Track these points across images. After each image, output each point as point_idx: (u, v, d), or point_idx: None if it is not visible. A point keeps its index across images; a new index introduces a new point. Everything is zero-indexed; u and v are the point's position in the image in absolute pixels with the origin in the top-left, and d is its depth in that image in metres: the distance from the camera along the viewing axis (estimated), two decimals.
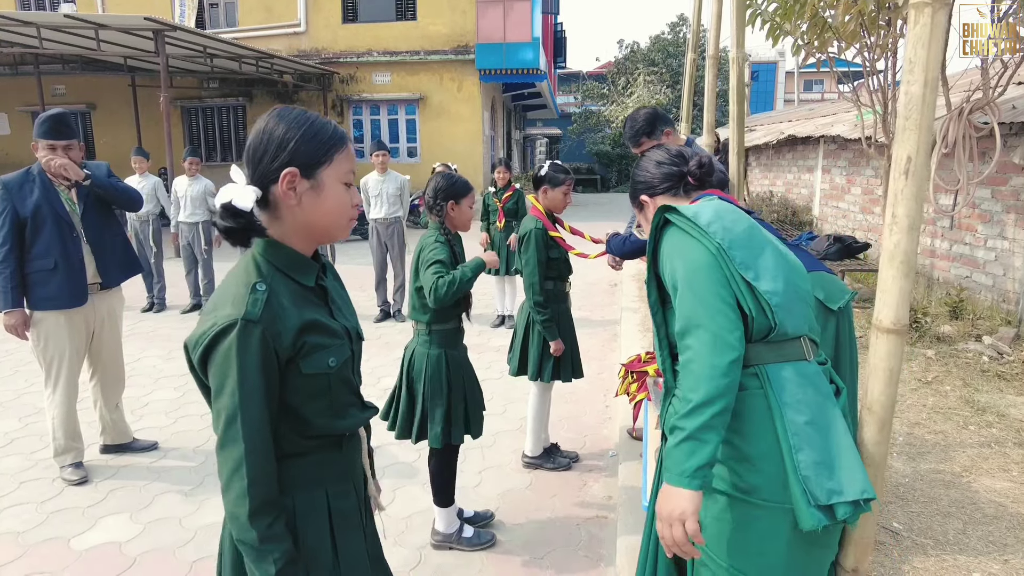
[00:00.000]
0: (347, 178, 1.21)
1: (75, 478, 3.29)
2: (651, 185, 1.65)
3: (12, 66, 15.69)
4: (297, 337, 1.14)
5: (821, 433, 1.23)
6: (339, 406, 1.24)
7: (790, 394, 1.25)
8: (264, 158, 1.16)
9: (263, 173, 1.16)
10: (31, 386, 4.70)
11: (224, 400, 1.09)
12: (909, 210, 1.19)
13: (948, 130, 3.89)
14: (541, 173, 3.22)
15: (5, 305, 3.14)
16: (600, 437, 3.83)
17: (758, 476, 1.24)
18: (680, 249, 1.34)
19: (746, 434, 1.27)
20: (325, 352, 1.18)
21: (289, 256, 1.19)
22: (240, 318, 1.08)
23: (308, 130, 1.17)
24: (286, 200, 1.16)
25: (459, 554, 2.68)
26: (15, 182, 3.15)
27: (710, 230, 1.31)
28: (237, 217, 1.13)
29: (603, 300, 7.36)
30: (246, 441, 1.08)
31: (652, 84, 23.80)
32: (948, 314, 5.48)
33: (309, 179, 1.17)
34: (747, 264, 1.29)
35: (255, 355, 1.08)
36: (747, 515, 1.26)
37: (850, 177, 8.67)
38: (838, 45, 4.51)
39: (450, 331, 2.62)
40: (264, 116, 1.19)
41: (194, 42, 11.39)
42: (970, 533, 2.61)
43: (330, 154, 1.18)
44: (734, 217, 1.37)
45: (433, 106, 15.87)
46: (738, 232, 1.33)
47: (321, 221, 1.20)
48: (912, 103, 1.19)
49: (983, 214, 5.75)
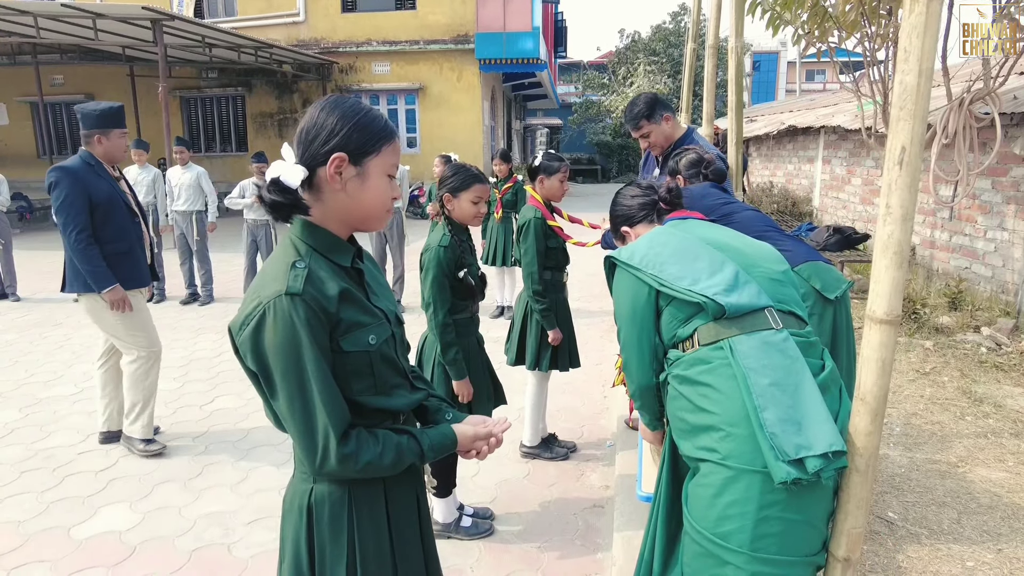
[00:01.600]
0: (391, 171, 1.25)
1: (154, 449, 3.49)
2: (630, 216, 1.88)
3: (10, 56, 15.64)
4: (338, 306, 1.17)
5: (787, 393, 1.34)
6: (385, 386, 1.25)
7: (755, 360, 1.38)
8: (315, 141, 1.19)
9: (312, 155, 1.19)
10: (31, 376, 4.72)
11: (283, 372, 1.12)
12: (903, 200, 1.19)
13: (949, 120, 3.87)
14: (536, 163, 3.22)
15: (108, 282, 3.32)
16: (597, 427, 3.84)
17: (731, 441, 1.35)
18: (619, 289, 1.65)
19: (717, 402, 1.40)
20: (364, 330, 1.20)
21: (326, 238, 1.22)
22: (284, 292, 1.11)
23: (362, 119, 1.20)
24: (332, 183, 1.19)
25: (457, 543, 2.70)
26: (80, 169, 3.29)
27: (642, 264, 1.58)
28: (284, 193, 1.16)
29: (601, 291, 7.36)
30: (320, 392, 1.13)
31: (653, 74, 23.69)
32: (947, 305, 5.48)
33: (356, 166, 1.20)
34: (681, 274, 1.53)
35: (304, 324, 1.11)
36: (723, 480, 1.36)
37: (850, 168, 8.64)
38: (839, 35, 4.48)
39: (463, 320, 2.62)
40: (318, 102, 1.24)
41: (193, 32, 11.33)
42: (964, 523, 2.62)
43: (379, 145, 1.21)
44: (664, 240, 1.62)
45: (433, 96, 15.82)
46: (668, 253, 1.58)
47: (361, 208, 1.23)
48: (907, 93, 1.18)
49: (983, 205, 5.73)
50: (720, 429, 1.38)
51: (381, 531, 1.25)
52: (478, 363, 2.70)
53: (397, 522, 1.28)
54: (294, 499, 1.26)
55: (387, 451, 1.19)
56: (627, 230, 1.87)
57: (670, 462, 1.65)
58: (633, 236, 1.82)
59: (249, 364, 1.16)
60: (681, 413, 1.50)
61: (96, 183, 3.31)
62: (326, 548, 1.22)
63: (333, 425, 1.13)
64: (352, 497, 1.22)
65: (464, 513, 2.80)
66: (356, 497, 1.23)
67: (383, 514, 1.26)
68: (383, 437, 1.20)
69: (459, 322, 2.61)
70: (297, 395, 1.13)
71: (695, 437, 1.45)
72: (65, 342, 5.57)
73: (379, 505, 1.25)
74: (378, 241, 6.47)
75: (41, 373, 4.79)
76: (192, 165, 6.81)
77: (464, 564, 2.57)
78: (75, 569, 2.54)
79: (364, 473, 1.18)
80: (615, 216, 1.92)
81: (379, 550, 1.25)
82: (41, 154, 16.79)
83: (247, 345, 1.13)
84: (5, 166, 10.94)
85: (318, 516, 1.22)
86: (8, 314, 6.54)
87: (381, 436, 1.20)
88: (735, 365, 1.39)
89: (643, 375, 1.61)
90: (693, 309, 1.52)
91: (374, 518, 1.24)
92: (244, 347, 1.14)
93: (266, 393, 1.18)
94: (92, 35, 10.75)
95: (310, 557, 1.23)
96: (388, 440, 1.21)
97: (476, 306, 2.70)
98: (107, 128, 3.32)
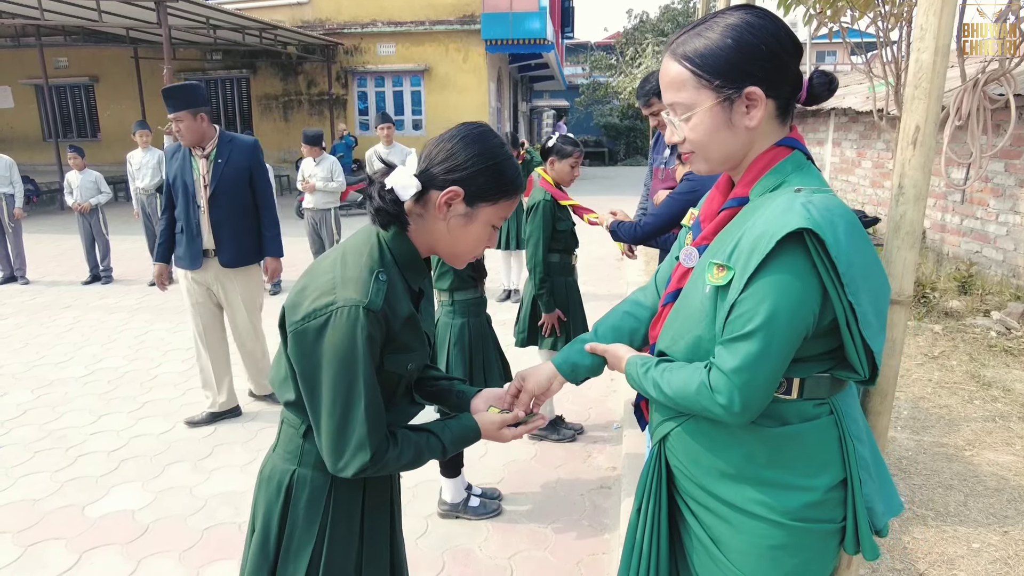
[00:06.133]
0: (498, 222, 1.24)
1: (194, 420, 3.68)
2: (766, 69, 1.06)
3: (14, 38, 15.56)
4: (401, 328, 1.17)
5: (871, 457, 1.19)
6: (392, 402, 1.26)
7: (853, 422, 1.16)
8: (441, 165, 1.18)
9: (432, 176, 1.18)
10: (42, 358, 4.76)
11: (333, 378, 1.11)
12: (916, 180, 1.18)
13: (962, 102, 3.81)
14: (550, 144, 3.19)
15: (155, 258, 3.70)
16: (605, 409, 3.86)
17: (820, 508, 1.13)
18: (786, 277, 1.00)
19: (817, 466, 1.12)
20: (407, 355, 1.20)
21: (411, 254, 1.22)
22: (364, 306, 1.10)
23: (494, 167, 1.18)
24: (438, 211, 1.18)
25: (465, 523, 2.73)
26: (170, 151, 3.57)
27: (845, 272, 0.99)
28: (393, 202, 1.16)
29: (609, 274, 7.35)
30: (367, 406, 1.12)
31: (661, 55, 23.39)
32: (957, 289, 5.44)
33: (469, 206, 1.19)
34: (870, 315, 1.06)
35: (369, 339, 1.11)
36: (803, 539, 1.14)
37: (860, 150, 8.55)
38: (851, 14, 4.41)
39: (472, 300, 2.67)
40: (464, 125, 1.22)
41: (197, 13, 11.25)
42: (971, 505, 2.63)
43: (499, 198, 1.20)
44: (865, 236, 1.05)
45: (438, 77, 15.70)
46: (871, 258, 1.04)
47: (454, 246, 1.23)
48: (922, 71, 1.17)
49: (995, 188, 5.67)
50: (812, 490, 1.12)
51: (353, 525, 1.26)
52: (489, 342, 2.73)
53: (371, 518, 1.30)
54: (273, 474, 1.27)
55: (405, 452, 1.20)
56: (757, 92, 1.06)
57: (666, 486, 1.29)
58: (762, 105, 1.07)
59: (293, 354, 1.15)
60: (739, 460, 1.15)
61: (173, 164, 3.55)
62: (297, 531, 1.24)
63: (368, 441, 1.13)
64: (333, 489, 1.24)
65: (472, 493, 2.83)
66: (337, 488, 1.24)
67: (358, 509, 1.27)
68: (402, 439, 1.21)
69: (468, 302, 2.64)
70: (340, 403, 1.12)
71: (752, 488, 1.14)
72: (75, 324, 5.61)
73: (356, 499, 1.27)
74: None
75: (52, 355, 4.83)
76: (152, 149, 6.85)
77: (472, 544, 2.60)
78: (89, 546, 2.59)
79: (381, 473, 1.19)
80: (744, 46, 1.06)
81: (348, 543, 1.26)
82: (47, 137, 16.78)
83: (304, 338, 1.12)
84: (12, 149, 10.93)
85: (296, 498, 1.24)
86: (18, 297, 6.59)
87: (400, 438, 1.21)
88: (843, 432, 1.13)
89: (764, 399, 1.07)
90: (830, 355, 1.09)
91: (349, 511, 1.26)
92: (300, 338, 1.13)
93: (289, 359, 1.18)
94: (96, 16, 10.69)
95: (279, 535, 1.25)
96: (407, 441, 1.21)
97: (483, 285, 2.72)
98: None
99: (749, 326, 1.01)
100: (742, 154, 1.12)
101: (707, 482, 1.19)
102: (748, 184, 1.12)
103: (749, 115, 1.07)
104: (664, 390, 1.15)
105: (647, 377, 1.19)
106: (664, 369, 1.17)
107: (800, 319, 1.01)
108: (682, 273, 1.21)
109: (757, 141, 1.10)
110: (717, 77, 1.05)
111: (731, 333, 1.04)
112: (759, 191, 1.10)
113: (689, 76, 1.07)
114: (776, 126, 1.11)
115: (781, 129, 1.12)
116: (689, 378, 1.10)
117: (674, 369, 1.15)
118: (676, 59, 1.09)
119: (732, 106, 1.07)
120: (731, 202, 1.14)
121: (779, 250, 0.99)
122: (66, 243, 9.31)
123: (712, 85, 1.06)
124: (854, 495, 1.12)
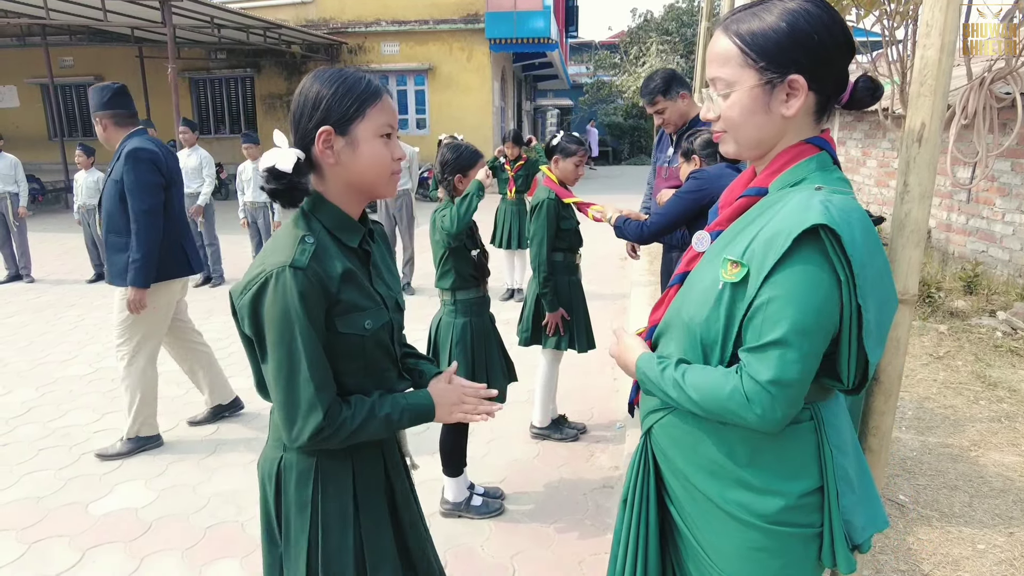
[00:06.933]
0: (383, 130, 1.21)
1: (195, 419, 3.70)
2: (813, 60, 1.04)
3: (19, 37, 15.64)
4: (340, 286, 1.17)
5: (855, 470, 1.16)
6: (374, 370, 1.26)
7: (835, 432, 1.14)
8: (302, 120, 1.19)
9: (303, 135, 1.19)
10: (46, 356, 4.78)
11: (275, 342, 1.13)
12: (921, 178, 1.17)
13: (968, 100, 3.78)
14: (554, 143, 3.18)
15: None
16: (607, 409, 3.85)
17: (796, 512, 1.13)
18: (807, 276, 0.99)
19: (792, 471, 1.12)
20: (361, 314, 1.20)
21: (335, 215, 1.22)
22: (288, 264, 1.12)
23: (340, 87, 1.17)
24: (325, 159, 1.18)
25: (467, 522, 2.72)
26: None
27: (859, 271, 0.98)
28: (279, 179, 1.16)
29: (613, 273, 7.34)
30: (308, 365, 1.13)
31: (665, 54, 23.34)
32: (962, 289, 5.41)
33: (344, 136, 1.18)
34: (876, 314, 1.04)
35: (303, 298, 1.12)
36: (782, 543, 1.14)
37: (866, 149, 8.52)
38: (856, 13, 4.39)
39: (474, 300, 2.66)
40: (304, 78, 1.22)
41: (201, 12, 11.27)
42: (976, 506, 2.61)
43: (362, 108, 1.18)
44: (877, 240, 1.04)
45: (442, 76, 15.69)
46: (883, 265, 1.05)
47: (361, 177, 1.21)
48: (928, 67, 1.16)
49: (1002, 187, 5.64)
50: (785, 495, 1.11)
51: (346, 506, 1.26)
52: (492, 341, 2.73)
53: (364, 499, 1.29)
54: (264, 466, 1.30)
55: (358, 412, 1.20)
56: (799, 80, 1.05)
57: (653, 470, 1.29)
58: (802, 94, 1.05)
59: (245, 328, 1.17)
60: (720, 457, 1.15)
61: None
62: (291, 516, 1.25)
63: (317, 400, 1.14)
64: (319, 469, 1.24)
65: (475, 492, 2.83)
66: (323, 469, 1.24)
67: (349, 490, 1.27)
68: (355, 401, 1.21)
69: (470, 301, 2.64)
70: (285, 366, 1.14)
71: (730, 488, 1.15)
72: (79, 323, 5.63)
73: (346, 480, 1.26)
74: (387, 223, 6.46)
75: (56, 353, 4.85)
76: (197, 147, 6.79)
77: (474, 543, 2.59)
78: (93, 544, 2.59)
79: (340, 444, 1.19)
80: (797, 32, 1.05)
81: (342, 524, 1.25)
82: (52, 136, 16.84)
83: (246, 310, 1.15)
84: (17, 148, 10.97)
85: (285, 484, 1.25)
86: (22, 295, 6.61)
87: (354, 401, 1.21)
88: (822, 439, 1.11)
89: (799, 405, 1.05)
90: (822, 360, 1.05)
91: (339, 492, 1.26)
92: (243, 312, 1.16)
93: (257, 360, 1.20)
94: (101, 16, 10.72)
95: (279, 523, 1.27)
96: (360, 403, 1.21)
97: (486, 285, 2.71)
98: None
99: (777, 332, 0.99)
100: (772, 143, 1.11)
101: (691, 474, 1.18)
102: (770, 176, 1.11)
103: (788, 103, 1.05)
104: (688, 392, 1.10)
105: (664, 376, 1.14)
106: (685, 370, 1.12)
107: (827, 317, 0.99)
108: (692, 256, 1.20)
109: (789, 133, 1.09)
110: (763, 58, 1.04)
111: (758, 339, 1.01)
112: (779, 185, 1.09)
113: (736, 52, 1.06)
114: (811, 123, 1.09)
115: (815, 127, 1.10)
116: (719, 383, 1.06)
117: (697, 371, 1.11)
118: (727, 34, 1.08)
119: (773, 91, 1.05)
120: (750, 191, 1.13)
121: (797, 248, 0.98)
122: (71, 242, 9.34)
123: (757, 66, 1.05)
124: (829, 505, 1.11)
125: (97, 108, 3.17)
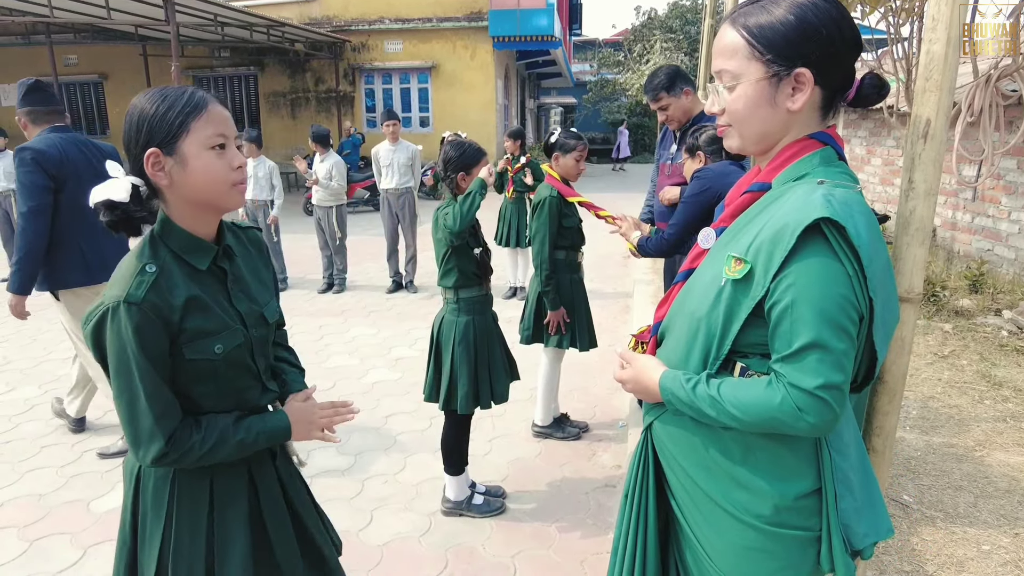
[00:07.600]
0: (213, 141, 1.17)
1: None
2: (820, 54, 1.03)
3: (24, 36, 15.68)
4: (184, 315, 1.15)
5: (858, 474, 1.13)
6: (231, 390, 1.25)
7: (838, 437, 1.12)
8: (131, 145, 1.16)
9: (134, 160, 1.17)
10: (50, 354, 4.79)
11: (114, 372, 1.14)
12: (926, 175, 1.16)
13: (974, 98, 3.76)
14: (552, 140, 3.16)
15: None
16: (610, 407, 3.83)
17: (792, 514, 1.11)
18: (819, 272, 0.97)
19: (787, 472, 1.10)
20: (210, 339, 1.18)
21: (182, 238, 1.19)
22: (122, 300, 1.10)
23: (160, 105, 1.14)
24: (159, 181, 1.16)
25: (469, 520, 2.72)
26: None
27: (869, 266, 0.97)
28: (114, 210, 1.14)
29: (616, 272, 7.32)
30: (147, 398, 1.12)
31: (669, 51, 23.28)
32: (967, 288, 5.38)
33: (172, 155, 1.15)
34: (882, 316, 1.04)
35: (136, 333, 1.10)
36: (779, 545, 1.13)
37: (870, 148, 8.48)
38: (861, 10, 4.36)
39: (477, 298, 2.65)
40: (131, 101, 1.20)
41: (204, 10, 11.28)
42: (981, 506, 2.59)
43: (186, 123, 1.14)
44: (880, 238, 1.03)
45: (446, 74, 15.68)
46: (885, 264, 1.04)
47: (198, 194, 1.18)
48: (933, 62, 1.14)
49: (1008, 186, 5.60)
50: (767, 494, 1.10)
51: (199, 513, 1.25)
52: (495, 340, 2.72)
53: (221, 508, 1.27)
54: (126, 465, 1.31)
55: (209, 436, 1.19)
56: (806, 75, 1.05)
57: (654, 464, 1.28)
58: (810, 87, 1.05)
59: (93, 355, 1.17)
60: (715, 453, 1.15)
61: None
62: (147, 517, 1.26)
63: (157, 429, 1.14)
64: (176, 476, 1.24)
65: (476, 491, 2.82)
66: (180, 476, 1.24)
67: (205, 498, 1.26)
68: (207, 424, 1.20)
69: (473, 299, 2.63)
70: (125, 395, 1.14)
71: (727, 486, 1.14)
72: None
73: (202, 488, 1.26)
74: (390, 221, 6.46)
75: (58, 351, 4.86)
76: (263, 159, 6.39)
77: (476, 542, 2.59)
78: (95, 541, 2.59)
79: (192, 466, 1.20)
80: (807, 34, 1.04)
81: (194, 530, 1.25)
82: None
83: (89, 340, 1.15)
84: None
85: (144, 486, 1.26)
86: None
87: (205, 424, 1.20)
88: (820, 441, 1.10)
89: (846, 400, 1.03)
90: None
91: (194, 499, 1.25)
92: (87, 339, 1.15)
93: None
94: (105, 14, 10.73)
95: (133, 521, 1.28)
96: (212, 426, 1.20)
97: (488, 283, 2.70)
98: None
99: (808, 335, 0.96)
100: (776, 137, 1.10)
101: (689, 470, 1.18)
102: (774, 171, 1.10)
103: (793, 97, 1.05)
104: (728, 409, 1.05)
105: (697, 393, 1.09)
106: (720, 384, 1.07)
107: (853, 307, 0.97)
108: (697, 253, 1.19)
109: (794, 128, 1.08)
110: (770, 51, 1.03)
111: (790, 345, 0.98)
112: (782, 180, 1.08)
113: (743, 45, 1.06)
114: (816, 118, 1.08)
115: (820, 123, 1.09)
116: (766, 397, 1.02)
117: (733, 385, 1.06)
118: (735, 27, 1.08)
119: (779, 84, 1.05)
120: (754, 186, 1.13)
121: (804, 243, 0.96)
122: None
123: (763, 59, 1.04)
124: (827, 508, 1.09)
125: (17, 105, 3.09)
